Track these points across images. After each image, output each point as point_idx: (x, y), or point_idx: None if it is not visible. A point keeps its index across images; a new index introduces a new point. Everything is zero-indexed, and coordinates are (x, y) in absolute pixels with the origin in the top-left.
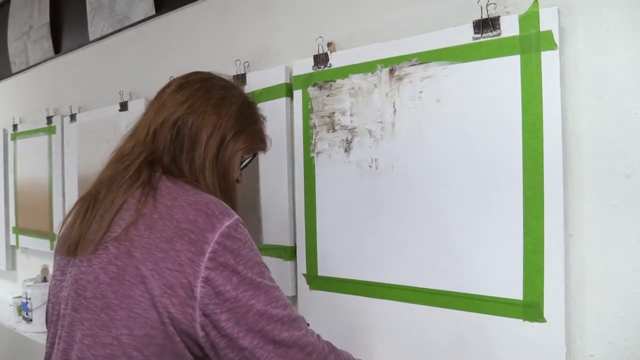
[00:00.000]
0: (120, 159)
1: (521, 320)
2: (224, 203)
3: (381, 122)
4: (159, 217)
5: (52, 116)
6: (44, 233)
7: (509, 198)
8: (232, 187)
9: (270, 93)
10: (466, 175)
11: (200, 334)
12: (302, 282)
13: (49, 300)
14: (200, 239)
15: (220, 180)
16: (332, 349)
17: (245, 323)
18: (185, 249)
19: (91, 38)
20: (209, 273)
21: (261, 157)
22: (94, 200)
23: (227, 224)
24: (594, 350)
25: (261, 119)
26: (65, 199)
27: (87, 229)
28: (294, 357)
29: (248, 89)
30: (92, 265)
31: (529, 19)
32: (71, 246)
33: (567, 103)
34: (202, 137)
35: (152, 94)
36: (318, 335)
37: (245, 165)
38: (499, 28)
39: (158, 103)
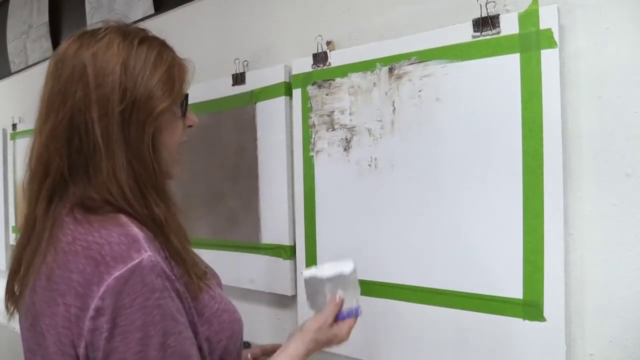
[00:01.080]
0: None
1: (521, 319)
2: (130, 234)
3: (380, 120)
4: (57, 267)
5: None
6: None
7: (509, 197)
8: (159, 171)
9: (269, 92)
10: (466, 173)
11: None
12: (301, 281)
13: None
14: (87, 293)
15: (140, 164)
16: None
17: None
18: (73, 304)
19: None
20: (89, 335)
21: (260, 156)
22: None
23: (116, 274)
24: (594, 349)
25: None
26: None
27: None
28: None
29: (247, 88)
30: (21, 309)
31: (529, 17)
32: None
33: (567, 101)
34: (96, 135)
35: None
36: None
37: (185, 113)
38: (499, 26)
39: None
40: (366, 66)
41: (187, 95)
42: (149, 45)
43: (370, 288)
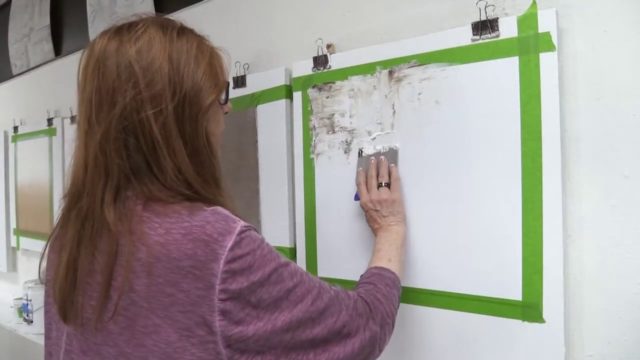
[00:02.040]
0: (74, 206)
1: (520, 321)
2: (220, 212)
3: (380, 123)
4: (155, 260)
5: (52, 118)
6: (45, 235)
7: (508, 199)
8: (215, 161)
9: (270, 95)
10: (465, 176)
11: None
12: None
13: (45, 316)
14: (206, 273)
15: (198, 158)
16: (367, 305)
17: (274, 341)
18: (193, 287)
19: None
20: (224, 305)
21: (261, 158)
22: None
23: (229, 245)
24: (593, 350)
25: (197, 45)
26: None
27: (75, 292)
28: (335, 350)
29: (248, 90)
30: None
31: (527, 20)
32: (62, 311)
33: (566, 104)
34: (154, 134)
35: None
36: (354, 298)
37: (226, 102)
38: (498, 30)
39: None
40: (366, 69)
41: (228, 84)
42: (187, 37)
43: None
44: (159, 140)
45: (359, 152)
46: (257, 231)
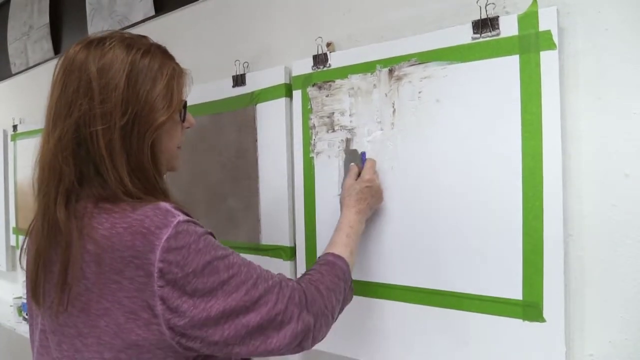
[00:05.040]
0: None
1: (521, 320)
2: (161, 207)
3: (380, 122)
4: (102, 251)
5: None
6: None
7: (509, 198)
8: (157, 175)
9: (269, 93)
10: (465, 175)
11: (173, 343)
12: None
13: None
14: (145, 262)
15: (141, 174)
16: (305, 296)
17: (210, 324)
18: (135, 275)
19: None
20: (162, 291)
21: (261, 157)
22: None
23: (165, 237)
24: (593, 349)
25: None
26: None
27: (42, 279)
28: (269, 335)
29: (247, 89)
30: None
31: (528, 18)
32: (34, 298)
33: (566, 103)
34: (100, 148)
35: None
36: (292, 287)
37: (184, 119)
38: (498, 28)
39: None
40: (366, 67)
41: (185, 103)
42: (151, 57)
43: (369, 289)
44: (104, 154)
45: (346, 150)
46: (199, 225)
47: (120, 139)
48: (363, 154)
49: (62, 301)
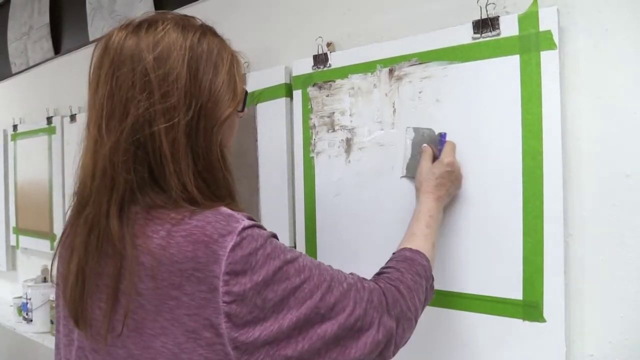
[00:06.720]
0: (82, 211)
1: (521, 320)
2: (222, 212)
3: (380, 122)
4: (158, 264)
5: (52, 116)
6: (44, 233)
7: (509, 197)
8: (229, 176)
9: (270, 93)
10: (466, 174)
11: None
12: None
13: (57, 313)
14: (208, 275)
15: (210, 174)
16: (385, 298)
17: (282, 338)
18: (196, 290)
19: (91, 38)
20: (229, 308)
21: (261, 157)
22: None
23: (230, 245)
24: (593, 349)
25: (220, 53)
26: (65, 200)
27: (85, 295)
28: (348, 345)
29: (248, 89)
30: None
31: (529, 18)
32: (73, 315)
33: (567, 103)
34: (163, 149)
35: None
36: (370, 288)
37: (243, 109)
38: (499, 28)
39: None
40: (366, 67)
41: (247, 93)
42: (209, 42)
43: None
44: (167, 156)
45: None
46: (263, 228)
47: (185, 137)
48: (443, 135)
49: (112, 321)
